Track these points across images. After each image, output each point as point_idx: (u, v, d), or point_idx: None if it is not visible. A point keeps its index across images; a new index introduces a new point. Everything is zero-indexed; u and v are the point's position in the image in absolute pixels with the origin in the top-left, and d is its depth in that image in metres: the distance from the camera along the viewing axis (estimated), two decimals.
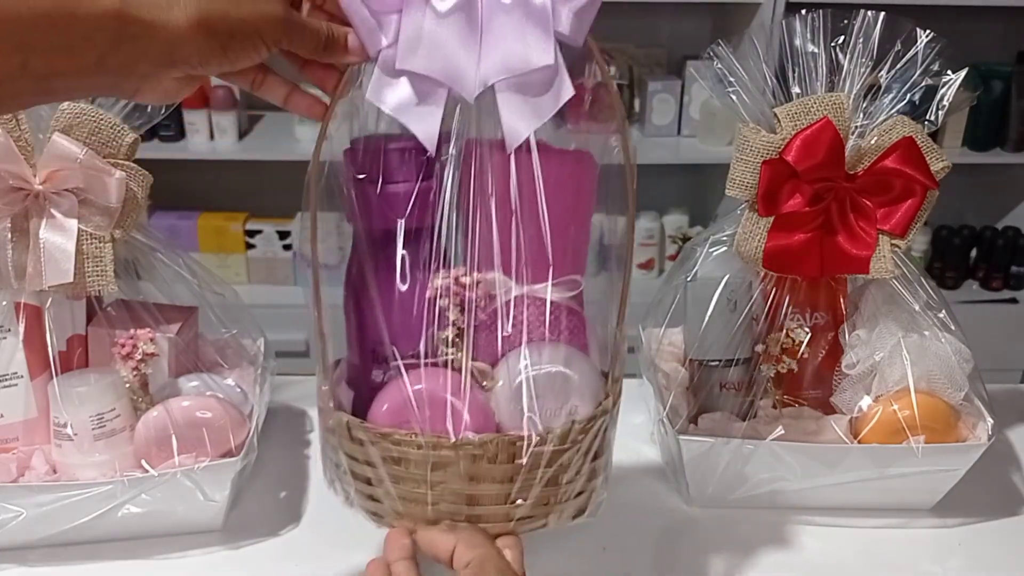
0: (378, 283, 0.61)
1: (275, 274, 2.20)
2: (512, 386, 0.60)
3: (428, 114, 0.56)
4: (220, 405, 0.75)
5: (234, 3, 0.49)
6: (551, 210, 0.59)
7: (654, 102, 2.13)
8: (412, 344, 0.61)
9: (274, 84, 0.58)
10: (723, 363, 0.80)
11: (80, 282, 0.74)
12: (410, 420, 0.59)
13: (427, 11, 0.54)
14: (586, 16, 0.55)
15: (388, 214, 0.59)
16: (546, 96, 0.55)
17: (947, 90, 0.76)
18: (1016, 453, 0.92)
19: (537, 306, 0.62)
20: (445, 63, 0.54)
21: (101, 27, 0.45)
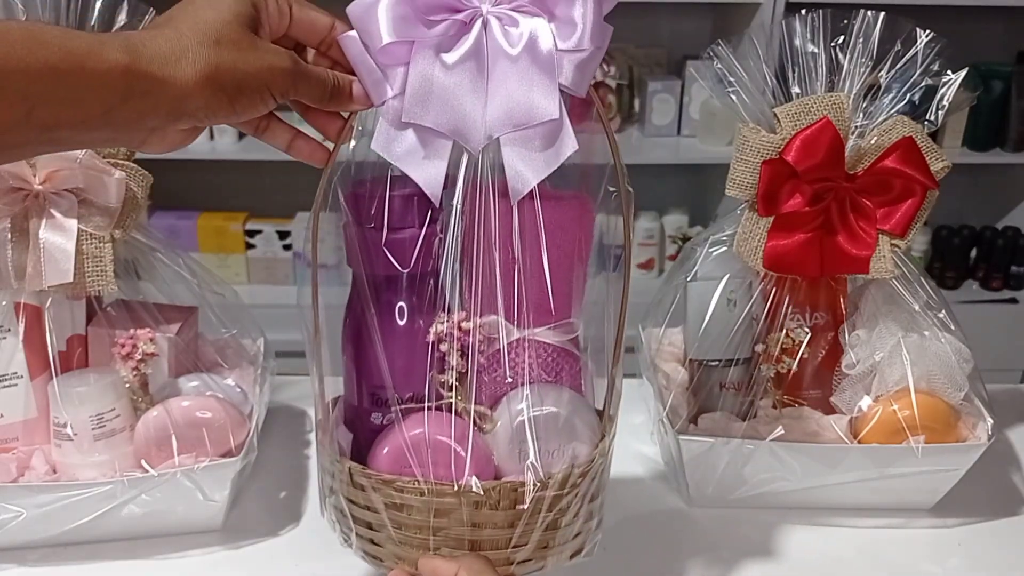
0: (379, 327, 0.61)
1: (275, 274, 2.20)
2: (511, 428, 0.61)
3: (433, 166, 0.56)
4: (220, 405, 0.75)
5: (242, 56, 0.49)
6: (552, 255, 0.60)
7: (654, 102, 2.13)
8: (412, 388, 0.61)
9: (278, 130, 0.58)
10: (723, 363, 0.80)
11: (80, 282, 0.74)
12: (411, 465, 0.59)
13: (436, 64, 0.54)
14: (588, 68, 0.56)
15: (391, 261, 0.59)
16: (550, 149, 0.56)
17: (947, 90, 0.76)
18: (1016, 453, 0.92)
19: (535, 349, 0.63)
20: (452, 116, 0.55)
21: (109, 82, 0.45)
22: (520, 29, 0.55)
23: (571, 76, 0.55)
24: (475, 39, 0.55)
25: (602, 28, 0.56)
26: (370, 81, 0.55)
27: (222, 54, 0.48)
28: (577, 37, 0.55)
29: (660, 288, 0.89)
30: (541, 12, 0.55)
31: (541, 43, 0.54)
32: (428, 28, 0.54)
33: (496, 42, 0.55)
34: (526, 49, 0.55)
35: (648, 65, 2.24)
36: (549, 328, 0.63)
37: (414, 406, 0.61)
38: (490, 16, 0.55)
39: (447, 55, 0.55)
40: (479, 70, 0.55)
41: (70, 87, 0.44)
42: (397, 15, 0.53)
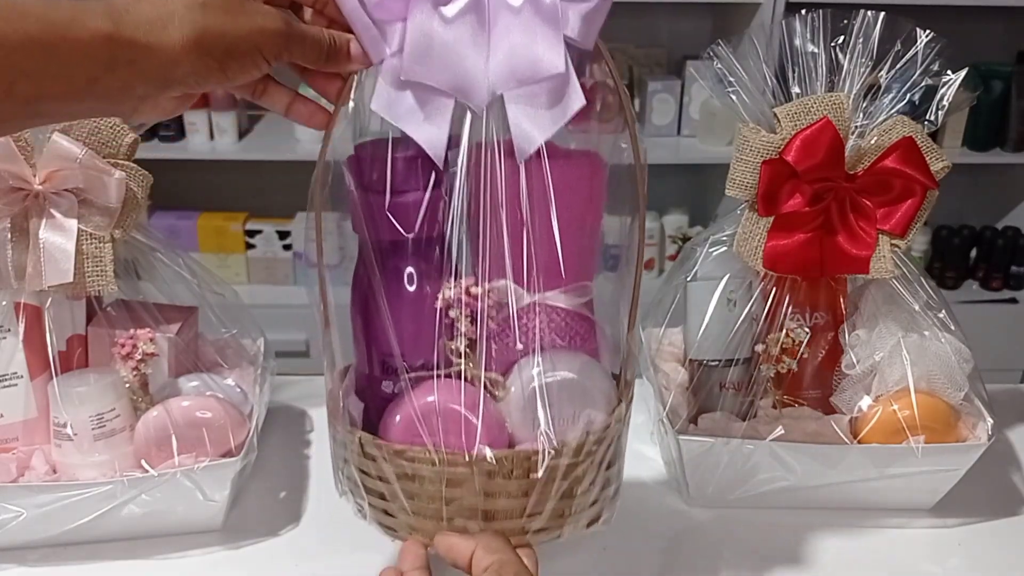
0: (387, 294, 0.59)
1: (275, 274, 2.20)
2: (524, 395, 0.59)
3: (435, 125, 0.54)
4: (220, 405, 0.75)
5: (231, 18, 0.47)
6: (562, 216, 0.58)
7: (654, 102, 2.13)
8: (422, 355, 0.60)
9: (276, 93, 0.56)
10: (723, 363, 0.80)
11: (80, 282, 0.74)
12: (422, 435, 0.58)
13: (434, 18, 0.52)
14: (595, 20, 0.54)
15: (396, 226, 0.58)
16: (557, 105, 0.54)
17: (947, 90, 0.76)
18: (1016, 453, 0.92)
19: (548, 313, 0.61)
20: (453, 73, 0.53)
21: (92, 51, 0.43)
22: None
23: (577, 28, 0.53)
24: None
25: None
26: (367, 38, 0.53)
27: (209, 17, 0.46)
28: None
29: (660, 288, 0.89)
30: None
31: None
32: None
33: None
34: (528, 1, 0.52)
35: (648, 65, 2.24)
36: (561, 291, 0.60)
37: (424, 374, 0.60)
38: None
39: (446, 8, 0.52)
40: (480, 23, 0.52)
41: (51, 58, 0.42)
42: None
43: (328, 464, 0.87)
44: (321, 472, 0.87)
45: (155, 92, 0.48)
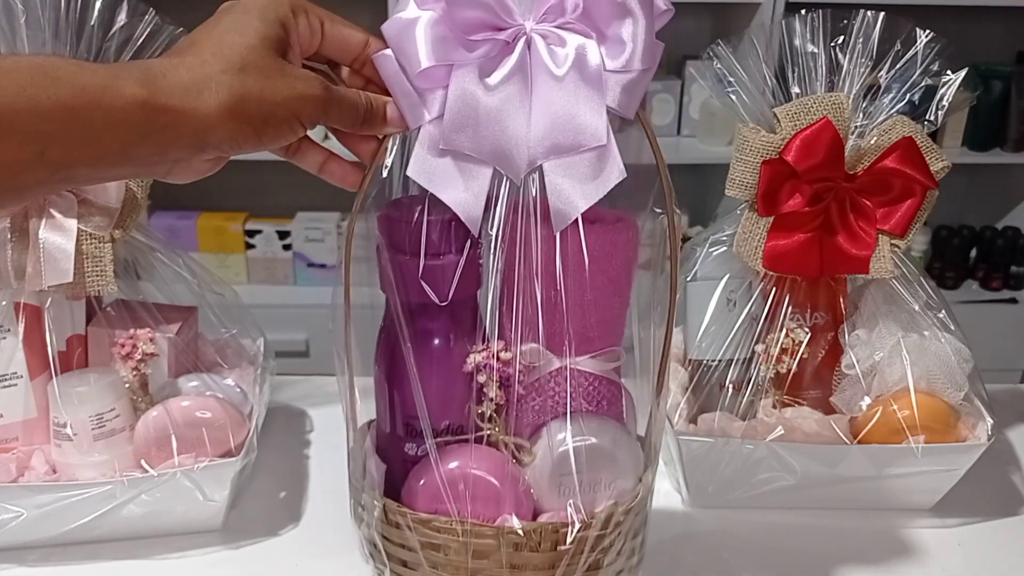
0: (414, 356, 0.57)
1: (275, 274, 2.20)
2: (552, 461, 0.58)
3: (472, 193, 0.53)
4: (220, 405, 0.75)
5: (270, 83, 0.46)
6: (595, 282, 0.57)
7: (654, 102, 2.13)
8: (448, 418, 0.59)
9: (309, 152, 0.55)
10: (723, 363, 0.80)
11: (80, 282, 0.74)
12: (448, 503, 0.57)
13: (478, 87, 0.51)
14: (637, 90, 0.53)
15: (427, 291, 0.56)
16: (597, 178, 0.53)
17: (947, 90, 0.76)
18: (1016, 453, 0.92)
19: (576, 378, 0.60)
20: (493, 143, 0.52)
21: (126, 118, 0.42)
22: (566, 49, 0.51)
23: (618, 98, 0.52)
24: (518, 59, 0.51)
25: (653, 47, 0.52)
26: (406, 104, 0.52)
27: (248, 82, 0.45)
28: (626, 57, 0.51)
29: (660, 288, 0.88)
30: (588, 30, 0.51)
31: (589, 63, 0.51)
32: (469, 50, 0.51)
33: (541, 62, 0.51)
34: (572, 69, 0.51)
35: None
36: (591, 357, 0.60)
37: (450, 439, 0.59)
38: (534, 34, 0.51)
39: (488, 77, 0.51)
40: (522, 92, 0.51)
41: (85, 125, 0.41)
42: (436, 36, 0.50)
43: (328, 464, 0.88)
44: (321, 472, 0.87)
45: (189, 156, 0.47)
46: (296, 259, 2.18)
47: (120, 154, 0.43)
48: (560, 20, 0.51)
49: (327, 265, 2.18)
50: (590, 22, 0.51)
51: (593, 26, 0.51)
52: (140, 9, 0.71)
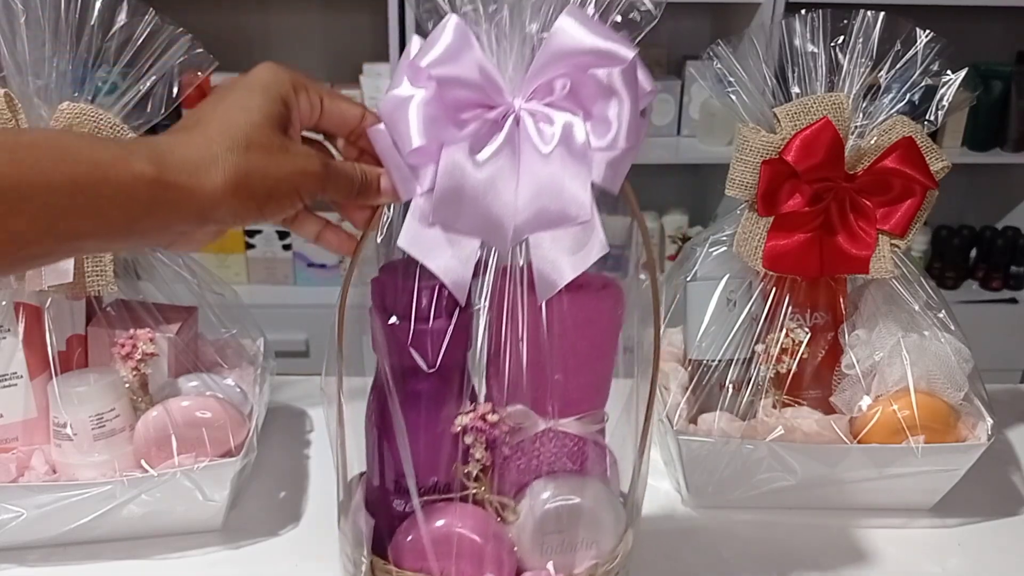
0: (404, 416, 0.59)
1: (275, 274, 2.20)
2: (535, 519, 0.60)
3: (460, 266, 0.54)
4: (220, 405, 0.75)
5: (272, 161, 0.48)
6: (578, 348, 0.58)
7: (654, 102, 2.13)
8: (435, 477, 0.61)
9: (307, 222, 0.57)
10: (723, 363, 0.80)
11: (80, 282, 0.74)
12: (433, 559, 0.59)
13: (465, 165, 0.52)
14: (622, 167, 0.54)
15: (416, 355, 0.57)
16: (581, 251, 0.54)
17: (947, 90, 0.76)
18: (1016, 453, 0.92)
19: (560, 439, 0.61)
20: (481, 218, 0.53)
21: (134, 193, 0.43)
22: (553, 127, 0.52)
23: (604, 174, 0.53)
24: (506, 136, 0.53)
25: (638, 125, 0.53)
26: (398, 177, 0.54)
27: (252, 160, 0.47)
28: (612, 136, 0.53)
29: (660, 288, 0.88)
30: (576, 109, 0.53)
31: (575, 140, 0.52)
32: (459, 128, 0.52)
33: (529, 139, 0.53)
34: (559, 147, 0.52)
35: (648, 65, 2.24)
36: (576, 419, 0.61)
37: (436, 497, 0.60)
38: (523, 112, 0.53)
39: (478, 153, 0.52)
40: (510, 168, 0.53)
41: (94, 199, 0.42)
42: (427, 116, 0.51)
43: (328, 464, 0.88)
44: (321, 472, 0.87)
45: (192, 230, 0.48)
46: (296, 259, 2.18)
47: (126, 228, 0.45)
48: (548, 99, 0.53)
49: (327, 265, 2.18)
50: (577, 101, 0.53)
51: (580, 105, 0.53)
52: (140, 9, 0.71)
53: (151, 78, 0.72)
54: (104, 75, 0.72)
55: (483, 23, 0.53)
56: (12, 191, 0.40)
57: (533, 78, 0.53)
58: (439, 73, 0.51)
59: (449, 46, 0.51)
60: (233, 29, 2.18)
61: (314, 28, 2.20)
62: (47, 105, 0.71)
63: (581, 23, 0.51)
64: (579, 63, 0.52)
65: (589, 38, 0.51)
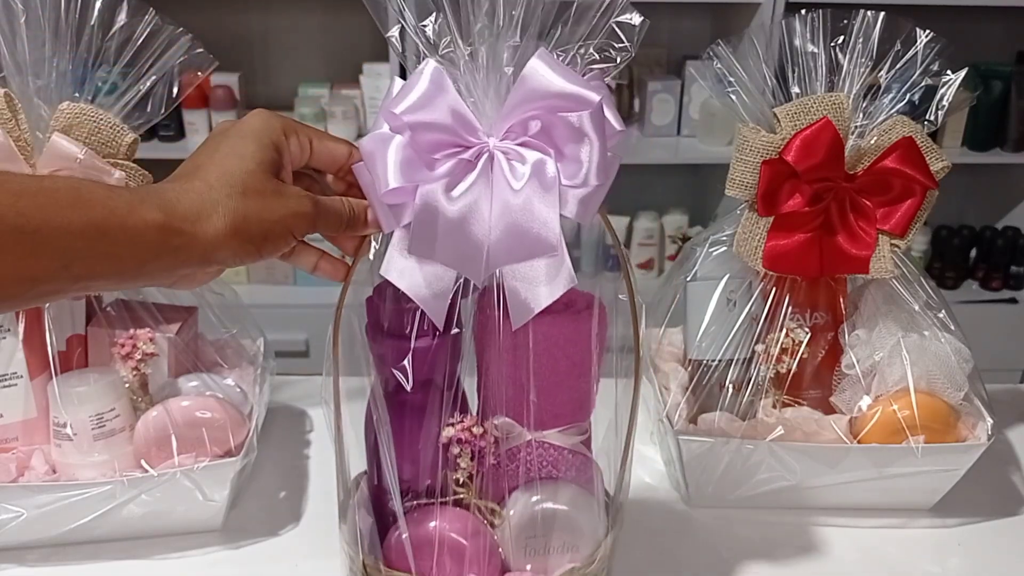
0: (393, 426, 0.63)
1: (275, 274, 2.20)
2: (518, 523, 0.63)
3: (438, 294, 0.58)
4: (220, 405, 0.75)
5: (267, 205, 0.51)
6: (559, 366, 0.62)
7: (654, 102, 2.13)
8: (427, 480, 0.64)
9: (303, 254, 0.60)
10: (723, 363, 0.80)
11: None
12: (422, 559, 0.62)
13: (440, 201, 0.55)
14: (592, 202, 0.57)
15: (405, 371, 0.61)
16: (552, 283, 0.57)
17: (947, 90, 0.76)
18: (1016, 453, 0.92)
19: (544, 449, 0.64)
20: (455, 251, 0.56)
21: (145, 239, 0.46)
22: (525, 165, 0.55)
23: (575, 209, 0.56)
24: (479, 174, 0.55)
25: (608, 164, 0.56)
26: (380, 212, 0.57)
27: (249, 205, 0.50)
28: (583, 175, 0.55)
29: (660, 288, 0.89)
30: (548, 148, 0.55)
31: (546, 176, 0.55)
32: (432, 170, 0.55)
33: (502, 176, 0.55)
34: (529, 184, 0.55)
35: (648, 65, 2.24)
36: (559, 431, 0.64)
37: (426, 501, 0.64)
38: (496, 151, 0.56)
39: (452, 191, 0.55)
40: (483, 204, 0.56)
41: (109, 244, 0.45)
42: (403, 159, 0.54)
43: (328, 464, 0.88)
44: (321, 472, 0.87)
45: (194, 271, 0.52)
46: None
47: (135, 270, 0.48)
48: (522, 138, 0.55)
49: None
50: (549, 140, 0.55)
51: (552, 144, 0.55)
52: (140, 9, 0.71)
53: (151, 78, 0.73)
54: (104, 75, 0.72)
55: (462, 63, 0.56)
56: (35, 233, 0.43)
57: (506, 117, 0.56)
58: (412, 120, 0.54)
59: (424, 92, 0.54)
60: (233, 29, 2.18)
61: (314, 28, 2.20)
62: (47, 105, 0.71)
63: (550, 67, 0.54)
64: (549, 105, 0.54)
65: (558, 81, 0.54)
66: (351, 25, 2.17)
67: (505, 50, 0.55)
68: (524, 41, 0.55)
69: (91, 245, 0.45)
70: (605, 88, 0.56)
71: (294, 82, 2.15)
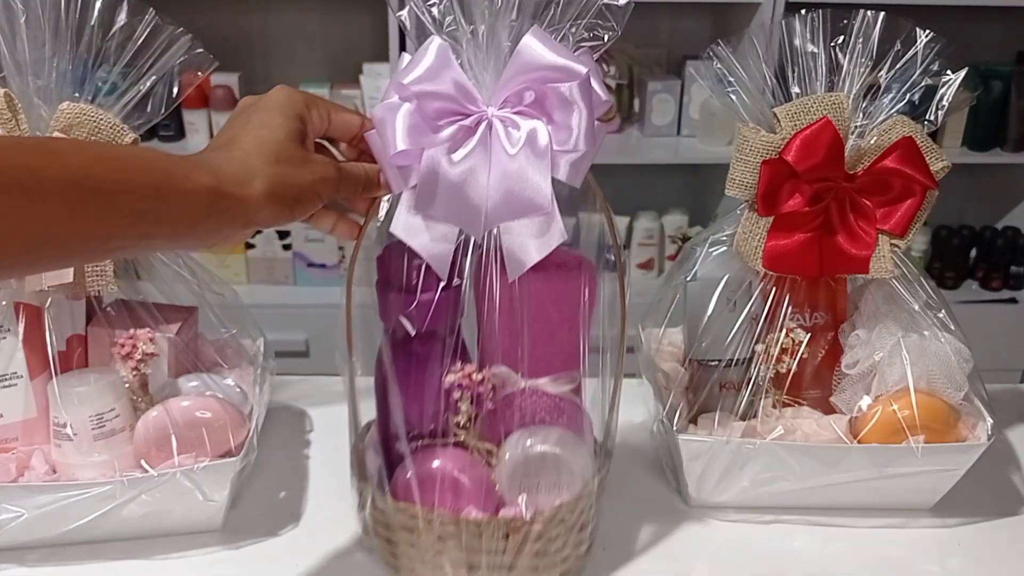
0: (400, 373, 0.69)
1: (275, 274, 2.20)
2: (513, 464, 0.69)
3: (441, 248, 0.64)
4: (220, 405, 0.75)
5: (298, 171, 0.56)
6: (550, 319, 0.68)
7: (654, 102, 2.13)
8: (431, 424, 0.70)
9: (323, 217, 0.65)
10: (723, 363, 0.81)
11: (80, 282, 0.74)
12: (426, 493, 0.68)
13: (442, 163, 0.61)
14: (582, 165, 0.62)
15: (411, 321, 0.67)
16: (543, 237, 0.63)
17: (947, 90, 0.76)
18: (1016, 453, 0.92)
19: (539, 395, 0.70)
20: (456, 209, 0.62)
21: (199, 200, 0.51)
22: (520, 132, 0.61)
23: (566, 172, 0.62)
24: (479, 139, 0.61)
25: (595, 130, 0.62)
26: (390, 174, 0.63)
27: (283, 171, 0.55)
28: (573, 141, 0.61)
29: (660, 288, 0.89)
30: (540, 115, 0.61)
31: (538, 143, 0.61)
32: (436, 133, 0.61)
33: (498, 142, 0.61)
34: (524, 149, 0.61)
35: (648, 65, 2.24)
36: (551, 379, 0.70)
37: (430, 442, 0.70)
38: (494, 119, 0.62)
39: (454, 154, 0.61)
40: (482, 167, 0.61)
41: (169, 205, 0.50)
42: (411, 124, 0.61)
43: (328, 464, 0.88)
44: (321, 472, 0.87)
45: (236, 232, 0.56)
46: (296, 259, 2.18)
47: (188, 229, 0.52)
48: (517, 107, 0.61)
49: (327, 265, 2.18)
50: (541, 109, 0.61)
51: (544, 112, 0.61)
52: (140, 9, 0.71)
53: (151, 78, 0.73)
54: (104, 75, 0.72)
55: (464, 39, 0.62)
56: (111, 195, 0.47)
57: (503, 88, 0.61)
58: (419, 89, 0.60)
59: (430, 66, 0.61)
60: (233, 29, 2.18)
61: (314, 28, 2.20)
62: (47, 105, 0.71)
63: (543, 43, 0.60)
64: (542, 77, 0.60)
65: (550, 56, 0.60)
66: (351, 25, 2.17)
67: (503, 28, 0.61)
68: (520, 20, 0.61)
69: (155, 206, 0.49)
70: (593, 62, 0.62)
71: (294, 82, 2.14)
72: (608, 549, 0.78)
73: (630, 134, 2.19)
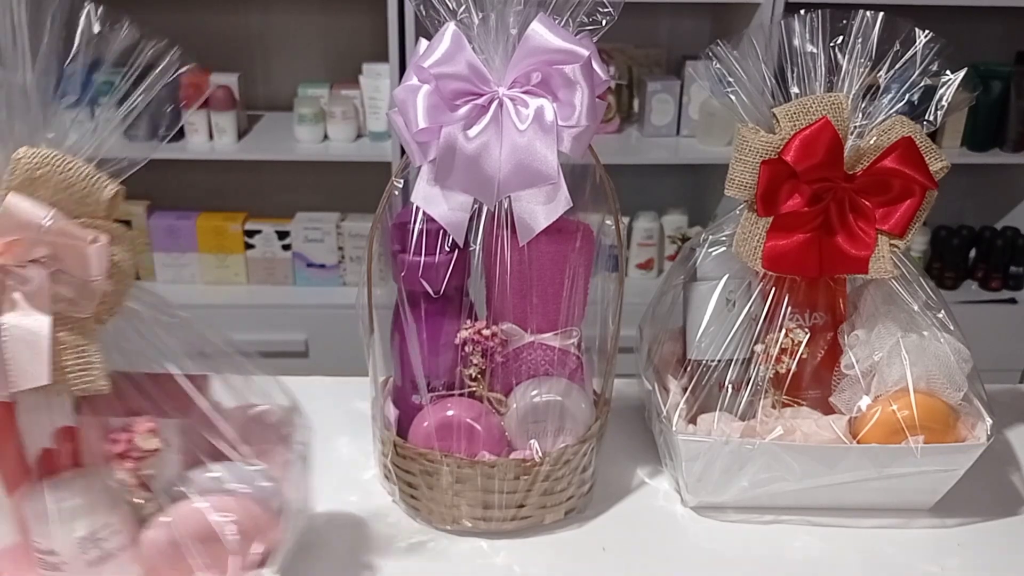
0: (418, 330, 0.76)
1: (274, 274, 2.20)
2: (520, 411, 0.77)
3: (457, 215, 0.71)
4: (242, 504, 0.63)
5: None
6: (554, 279, 0.76)
7: (653, 102, 2.12)
8: (445, 378, 0.78)
9: None
10: (723, 363, 0.80)
11: (60, 380, 0.57)
12: (443, 440, 0.76)
13: (459, 138, 0.68)
14: (584, 138, 0.69)
15: (426, 282, 0.74)
16: (550, 204, 0.70)
17: (946, 90, 0.76)
18: (1015, 453, 0.92)
19: (543, 349, 0.78)
20: (472, 179, 0.69)
21: None
22: (528, 109, 0.68)
23: (570, 145, 0.69)
24: (491, 117, 0.68)
25: (595, 106, 0.68)
26: (412, 148, 0.70)
27: None
28: (576, 116, 0.68)
29: (659, 288, 0.89)
30: (546, 94, 0.68)
31: (545, 120, 0.68)
32: (453, 111, 0.68)
33: (509, 119, 0.68)
34: (532, 124, 0.68)
35: (647, 65, 2.24)
36: (555, 334, 0.78)
37: (444, 393, 0.78)
38: (505, 97, 0.69)
39: (469, 131, 0.68)
40: (495, 142, 0.68)
41: None
42: (430, 104, 0.68)
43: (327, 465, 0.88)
44: (321, 472, 0.87)
45: None
46: (295, 259, 2.18)
47: None
48: (525, 87, 0.69)
49: (326, 265, 2.18)
50: (547, 88, 0.68)
51: (549, 91, 0.68)
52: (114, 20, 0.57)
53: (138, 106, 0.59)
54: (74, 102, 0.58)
55: (476, 25, 0.68)
56: None
57: (512, 70, 0.68)
58: (437, 72, 0.67)
59: (447, 50, 0.67)
60: (233, 29, 2.18)
61: (314, 28, 2.20)
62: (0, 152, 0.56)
63: (548, 28, 0.66)
64: (547, 59, 0.67)
65: (555, 40, 0.66)
66: (351, 25, 2.16)
67: (511, 15, 0.68)
68: (527, 8, 0.68)
69: None
70: (593, 45, 0.69)
71: (294, 82, 2.14)
72: (608, 549, 0.78)
73: (630, 134, 2.19)
